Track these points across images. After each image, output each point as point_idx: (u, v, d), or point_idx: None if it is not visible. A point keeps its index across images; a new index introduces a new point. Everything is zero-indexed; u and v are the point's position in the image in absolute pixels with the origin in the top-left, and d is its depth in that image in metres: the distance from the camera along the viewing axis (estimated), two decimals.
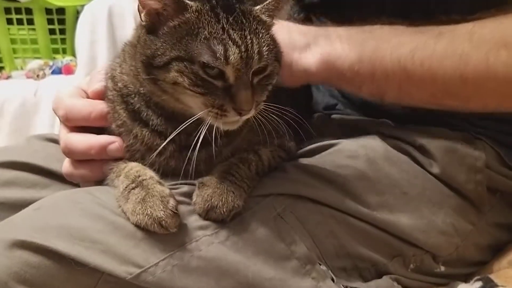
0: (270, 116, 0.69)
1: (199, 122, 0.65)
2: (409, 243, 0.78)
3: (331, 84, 0.86)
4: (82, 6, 2.24)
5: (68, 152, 0.75)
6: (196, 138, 0.64)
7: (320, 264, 0.71)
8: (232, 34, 0.62)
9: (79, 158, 0.75)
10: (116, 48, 2.09)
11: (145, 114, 0.71)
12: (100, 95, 0.77)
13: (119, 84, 0.73)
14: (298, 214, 0.72)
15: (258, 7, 0.67)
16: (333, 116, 0.98)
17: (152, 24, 0.66)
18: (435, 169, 0.81)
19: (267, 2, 0.68)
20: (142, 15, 0.66)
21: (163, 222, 0.63)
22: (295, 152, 0.83)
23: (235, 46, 0.62)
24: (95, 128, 0.76)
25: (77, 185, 0.79)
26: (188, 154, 0.68)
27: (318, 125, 0.96)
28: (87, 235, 0.62)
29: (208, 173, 0.72)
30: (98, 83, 0.78)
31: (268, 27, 0.68)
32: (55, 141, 0.89)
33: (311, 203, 0.73)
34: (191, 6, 0.63)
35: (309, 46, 0.80)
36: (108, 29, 2.10)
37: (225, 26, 0.62)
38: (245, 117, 0.66)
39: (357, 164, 0.78)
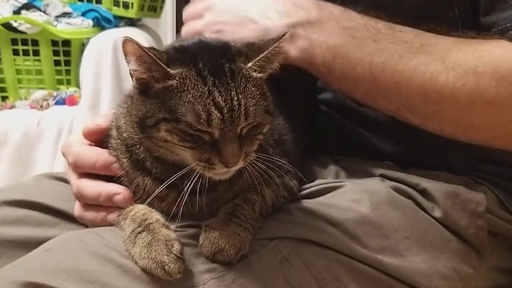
0: (271, 162, 0.71)
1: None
2: (412, 287, 0.78)
3: (309, 72, 0.87)
4: (88, 38, 2.28)
5: (80, 197, 0.77)
6: (187, 186, 0.67)
7: None
8: (216, 97, 0.64)
9: (90, 203, 0.77)
10: (120, 81, 2.12)
11: (150, 163, 0.73)
12: (90, 135, 0.80)
13: (124, 135, 0.75)
14: (304, 257, 0.73)
15: (249, 64, 0.68)
16: (336, 157, 0.99)
17: (142, 86, 0.68)
18: (437, 213, 0.83)
19: (258, 58, 0.68)
20: (133, 79, 0.69)
21: (166, 266, 0.64)
22: (298, 191, 0.85)
23: (217, 111, 0.63)
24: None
25: (85, 225, 0.80)
26: (183, 198, 0.69)
27: (321, 166, 0.98)
28: (96, 278, 0.63)
29: (211, 215, 0.73)
30: (91, 124, 0.80)
31: (259, 81, 0.69)
32: (63, 180, 0.90)
33: (317, 247, 0.74)
34: (175, 76, 0.65)
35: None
36: (112, 62, 2.13)
37: (211, 89, 0.64)
38: (234, 169, 0.67)
39: (361, 208, 0.80)
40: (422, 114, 0.79)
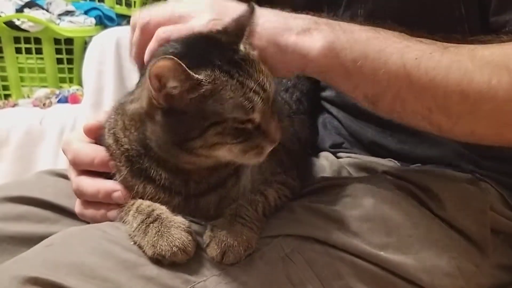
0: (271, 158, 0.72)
1: (211, 168, 0.70)
2: (414, 284, 0.78)
3: (326, 77, 0.78)
4: (90, 37, 2.28)
5: (79, 194, 0.77)
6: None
7: None
8: (249, 84, 0.65)
9: (90, 200, 0.77)
10: (123, 79, 2.12)
11: (154, 172, 0.73)
12: (91, 132, 0.80)
13: (126, 146, 0.74)
14: (306, 255, 0.73)
15: (246, 47, 0.70)
16: (339, 154, 0.99)
17: (169, 104, 0.66)
18: (440, 211, 0.82)
19: (245, 36, 0.71)
20: (160, 99, 0.66)
21: (188, 248, 0.66)
22: (300, 191, 0.85)
23: (256, 96, 0.65)
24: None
25: (86, 221, 0.80)
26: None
27: (324, 163, 0.97)
28: (97, 273, 0.63)
29: (216, 216, 0.73)
30: (92, 121, 0.80)
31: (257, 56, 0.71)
32: (65, 176, 0.90)
33: (319, 244, 0.74)
34: (206, 80, 0.64)
35: (309, 30, 0.73)
36: (115, 60, 2.13)
37: (239, 79, 0.65)
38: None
39: (364, 206, 0.79)
40: (457, 114, 0.74)
